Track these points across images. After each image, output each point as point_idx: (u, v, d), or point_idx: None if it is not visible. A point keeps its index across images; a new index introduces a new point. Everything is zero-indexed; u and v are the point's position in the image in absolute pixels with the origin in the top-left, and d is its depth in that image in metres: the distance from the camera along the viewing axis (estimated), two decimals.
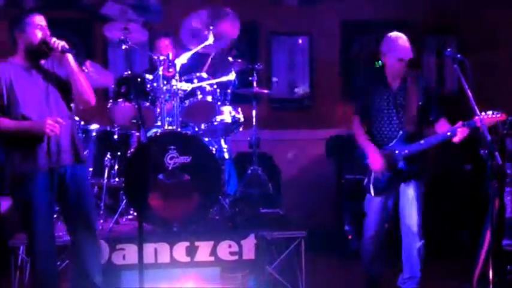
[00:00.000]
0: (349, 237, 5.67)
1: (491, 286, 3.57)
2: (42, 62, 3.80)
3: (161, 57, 5.05)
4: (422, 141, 4.10)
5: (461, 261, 4.84)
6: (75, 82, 3.75)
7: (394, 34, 4.19)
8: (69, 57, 3.73)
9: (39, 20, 3.77)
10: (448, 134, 3.98)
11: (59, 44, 3.70)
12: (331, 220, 6.01)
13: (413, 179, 4.22)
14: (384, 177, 4.22)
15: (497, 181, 3.78)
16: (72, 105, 3.91)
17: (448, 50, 3.89)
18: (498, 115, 3.88)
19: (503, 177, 4.50)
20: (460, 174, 5.74)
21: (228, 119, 5.14)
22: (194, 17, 5.18)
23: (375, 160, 4.19)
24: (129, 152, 4.80)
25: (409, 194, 4.24)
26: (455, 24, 6.47)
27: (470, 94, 3.65)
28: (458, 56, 3.80)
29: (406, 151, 4.13)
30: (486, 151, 3.57)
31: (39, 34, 3.72)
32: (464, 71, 3.72)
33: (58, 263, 4.48)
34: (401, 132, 4.17)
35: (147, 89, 4.97)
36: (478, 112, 3.70)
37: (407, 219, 4.25)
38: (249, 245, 4.46)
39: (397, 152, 4.17)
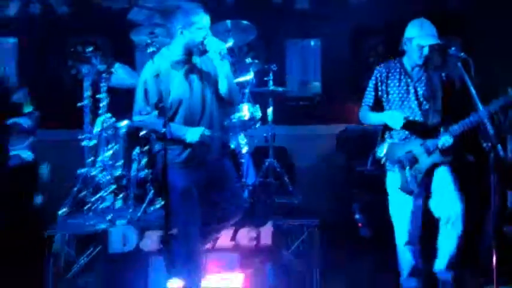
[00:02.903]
0: (359, 224, 5.62)
1: (495, 272, 3.48)
2: (196, 57, 3.64)
3: None
4: (475, 115, 3.65)
5: (464, 248, 4.76)
6: (228, 85, 3.61)
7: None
8: (226, 62, 3.59)
9: (206, 21, 3.57)
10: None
11: (218, 50, 3.54)
12: (342, 209, 5.96)
13: (447, 166, 3.85)
14: (421, 174, 3.81)
15: (499, 172, 3.69)
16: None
17: (453, 48, 3.73)
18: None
19: (505, 168, 4.40)
20: (463, 165, 5.65)
21: (246, 116, 5.07)
22: (218, 25, 5.13)
23: (395, 117, 3.79)
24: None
25: (446, 180, 3.83)
26: (460, 25, 6.38)
27: (473, 91, 3.55)
28: (462, 54, 3.66)
29: (455, 126, 3.74)
30: (489, 144, 3.47)
31: (202, 35, 3.55)
32: (468, 70, 3.61)
33: (90, 250, 4.53)
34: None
35: None
36: (485, 113, 3.56)
37: (447, 206, 3.79)
38: (266, 232, 4.44)
39: (428, 143, 3.79)
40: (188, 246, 3.67)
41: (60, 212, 4.76)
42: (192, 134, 3.53)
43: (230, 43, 5.11)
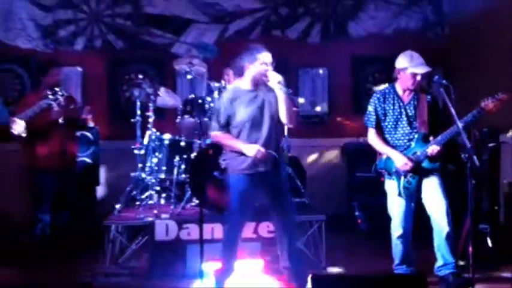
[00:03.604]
0: (359, 221, 5.57)
1: (471, 258, 3.44)
2: (261, 87, 3.61)
3: (216, 84, 5.05)
4: (454, 126, 3.52)
5: None
6: (285, 109, 3.54)
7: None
8: (282, 92, 3.51)
9: (266, 57, 3.56)
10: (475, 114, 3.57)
11: (277, 81, 3.50)
12: (345, 207, 5.93)
13: (435, 173, 3.79)
14: (414, 179, 3.75)
15: (475, 179, 3.63)
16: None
17: (436, 77, 3.70)
18: (500, 96, 3.57)
19: (480, 176, 4.33)
20: (444, 173, 5.57)
21: None
22: None
23: (403, 161, 3.70)
24: (192, 155, 4.82)
25: (433, 185, 3.75)
26: (442, 58, 6.34)
27: (453, 112, 3.51)
28: (444, 81, 3.64)
29: (439, 137, 3.64)
30: (466, 155, 3.43)
31: (264, 69, 3.53)
32: (449, 94, 3.57)
33: (139, 238, 4.57)
34: (416, 135, 3.75)
35: (206, 108, 4.98)
36: (460, 126, 3.51)
37: (435, 209, 3.74)
38: None
39: (418, 153, 3.73)
40: (234, 235, 3.70)
41: (116, 207, 4.82)
42: (249, 149, 3.54)
43: None
